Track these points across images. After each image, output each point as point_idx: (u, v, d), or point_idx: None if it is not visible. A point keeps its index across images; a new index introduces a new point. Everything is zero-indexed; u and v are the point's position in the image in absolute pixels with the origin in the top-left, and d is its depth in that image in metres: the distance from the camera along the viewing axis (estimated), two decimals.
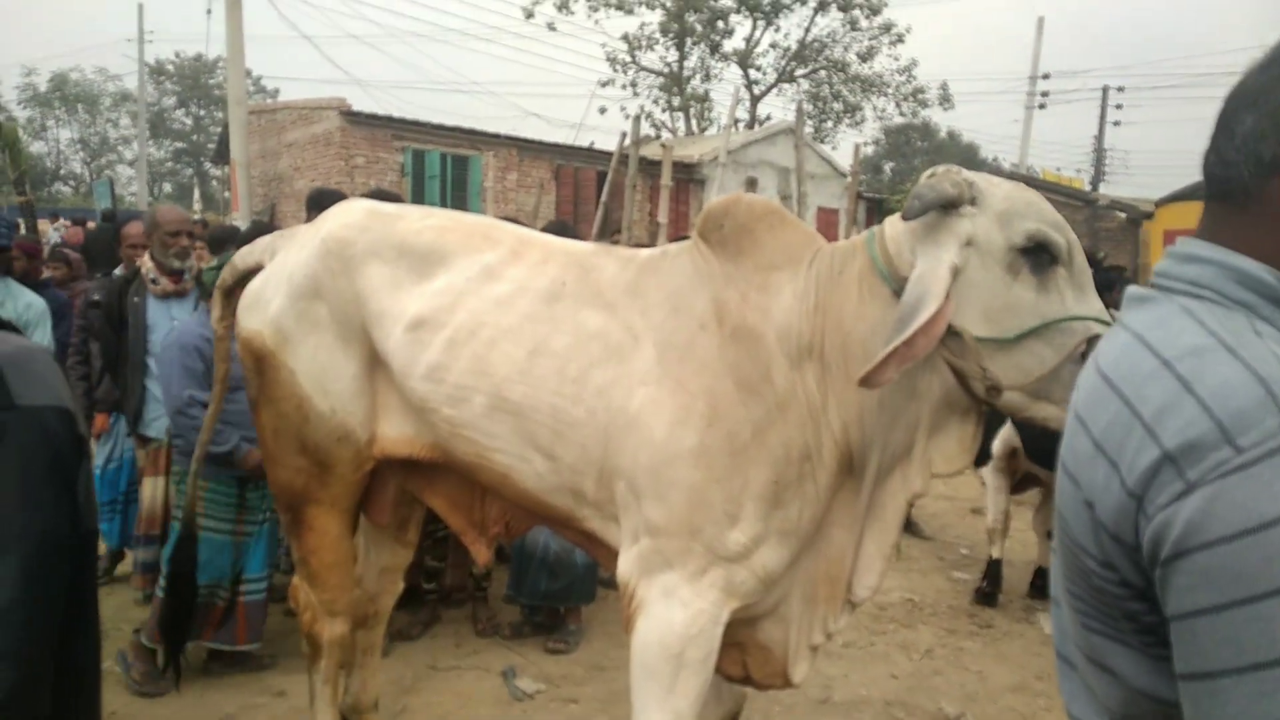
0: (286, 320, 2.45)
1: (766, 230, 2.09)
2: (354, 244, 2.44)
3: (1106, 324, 1.81)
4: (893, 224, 1.98)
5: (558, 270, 2.25)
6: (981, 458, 4.63)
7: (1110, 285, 5.43)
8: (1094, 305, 1.85)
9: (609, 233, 8.61)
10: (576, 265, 2.26)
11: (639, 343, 2.09)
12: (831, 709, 3.56)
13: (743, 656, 2.19)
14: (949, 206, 1.83)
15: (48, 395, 1.18)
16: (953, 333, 1.82)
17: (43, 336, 3.77)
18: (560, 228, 4.73)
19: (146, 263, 3.91)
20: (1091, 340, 1.80)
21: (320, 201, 3.80)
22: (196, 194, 11.27)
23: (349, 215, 2.54)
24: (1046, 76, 27.47)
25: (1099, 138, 30.43)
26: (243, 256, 2.77)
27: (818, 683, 3.72)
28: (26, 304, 3.77)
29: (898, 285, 1.89)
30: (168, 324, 3.81)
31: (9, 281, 3.80)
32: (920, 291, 1.79)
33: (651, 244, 7.05)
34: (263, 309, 2.52)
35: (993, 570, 4.72)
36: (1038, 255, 1.81)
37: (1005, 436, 4.61)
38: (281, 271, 2.55)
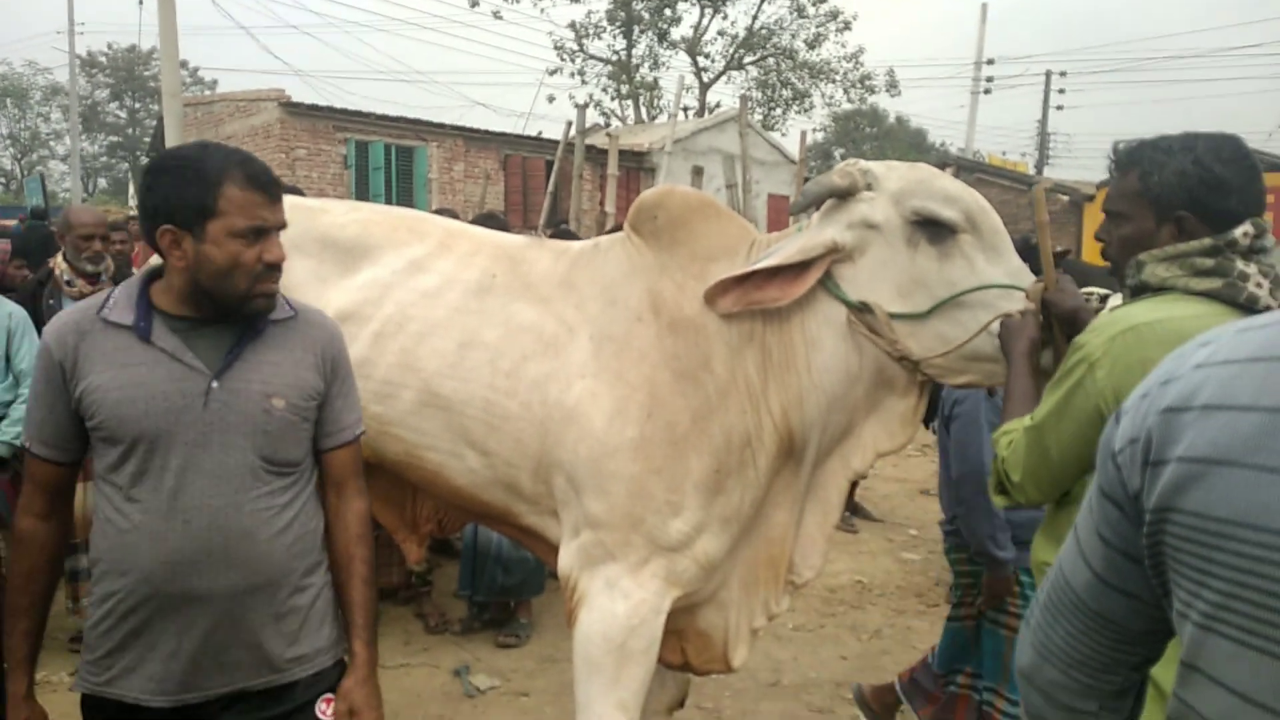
0: None
1: (701, 221, 2.09)
2: None
3: (1020, 289, 1.86)
4: (819, 214, 2.03)
5: (487, 263, 2.22)
6: None
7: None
8: (1010, 265, 1.90)
9: (556, 223, 8.56)
10: (507, 258, 2.23)
11: (574, 335, 2.07)
12: (781, 692, 3.59)
13: (681, 644, 2.20)
14: (844, 195, 1.94)
15: None
16: (867, 309, 1.91)
17: (30, 347, 3.59)
18: (490, 220, 4.67)
19: (60, 264, 3.78)
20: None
21: None
22: (131, 189, 10.93)
23: None
24: (991, 62, 27.94)
25: (1042, 122, 31.04)
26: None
27: (767, 666, 3.75)
28: (8, 313, 3.58)
29: None
30: None
31: None
32: (775, 249, 1.97)
33: (599, 234, 7.02)
34: None
35: None
36: (935, 228, 1.89)
37: None
38: None
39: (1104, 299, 4.11)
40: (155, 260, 1.63)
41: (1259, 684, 0.70)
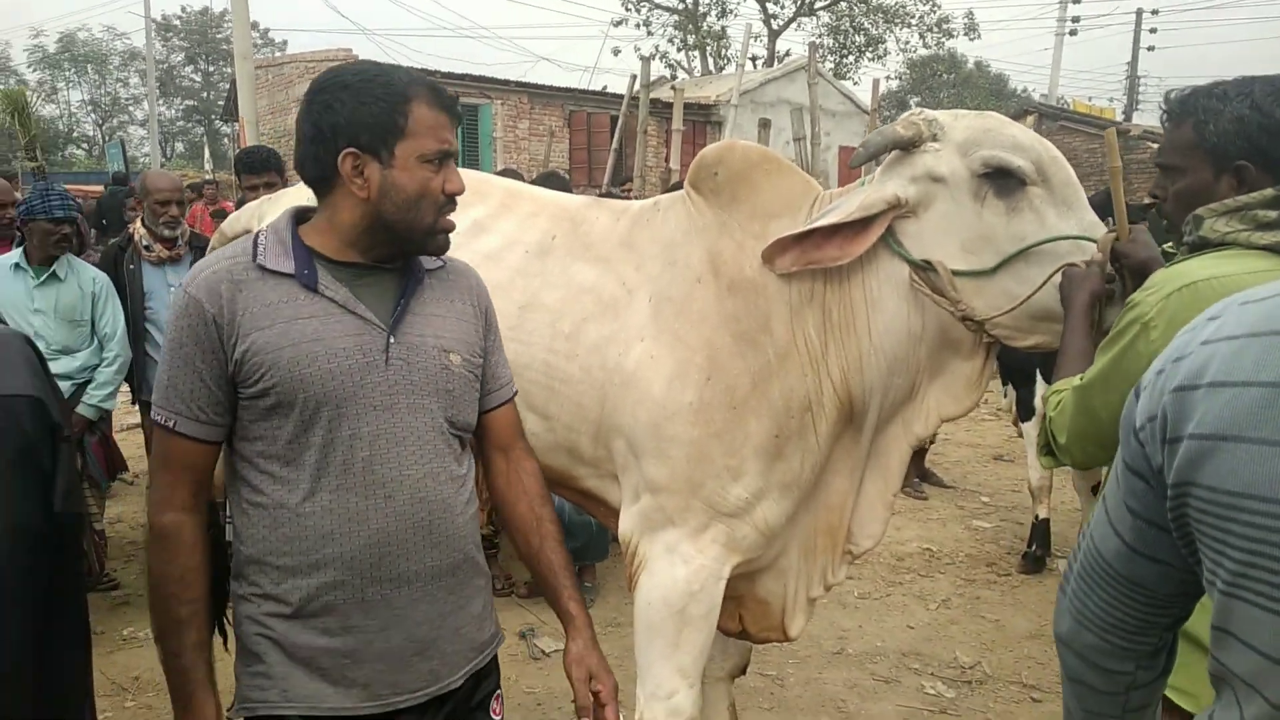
0: None
1: (762, 177, 2.02)
2: None
3: (1091, 240, 1.75)
4: (882, 167, 1.94)
5: (548, 224, 2.18)
6: (1025, 412, 4.47)
7: (1133, 221, 5.22)
8: (1084, 219, 1.79)
9: (620, 181, 8.47)
10: (567, 219, 2.19)
11: (634, 297, 2.03)
12: (845, 660, 3.54)
13: (739, 611, 2.18)
14: (908, 146, 1.84)
15: (17, 384, 1.24)
16: (930, 268, 1.83)
17: (115, 312, 3.71)
18: (552, 179, 4.63)
19: (139, 229, 3.86)
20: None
21: None
22: (207, 153, 11.16)
23: None
24: (1077, 1, 26.55)
25: (1132, 64, 29.49)
26: (231, 223, 2.73)
27: (832, 634, 3.70)
28: (92, 278, 3.70)
29: None
30: (164, 290, 3.78)
31: (71, 258, 3.66)
32: (836, 205, 1.88)
33: (664, 190, 6.91)
34: None
35: (1040, 531, 4.44)
36: (1003, 180, 1.78)
37: None
38: None
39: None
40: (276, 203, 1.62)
41: (1276, 641, 0.74)
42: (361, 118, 1.31)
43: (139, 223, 3.90)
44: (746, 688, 3.17)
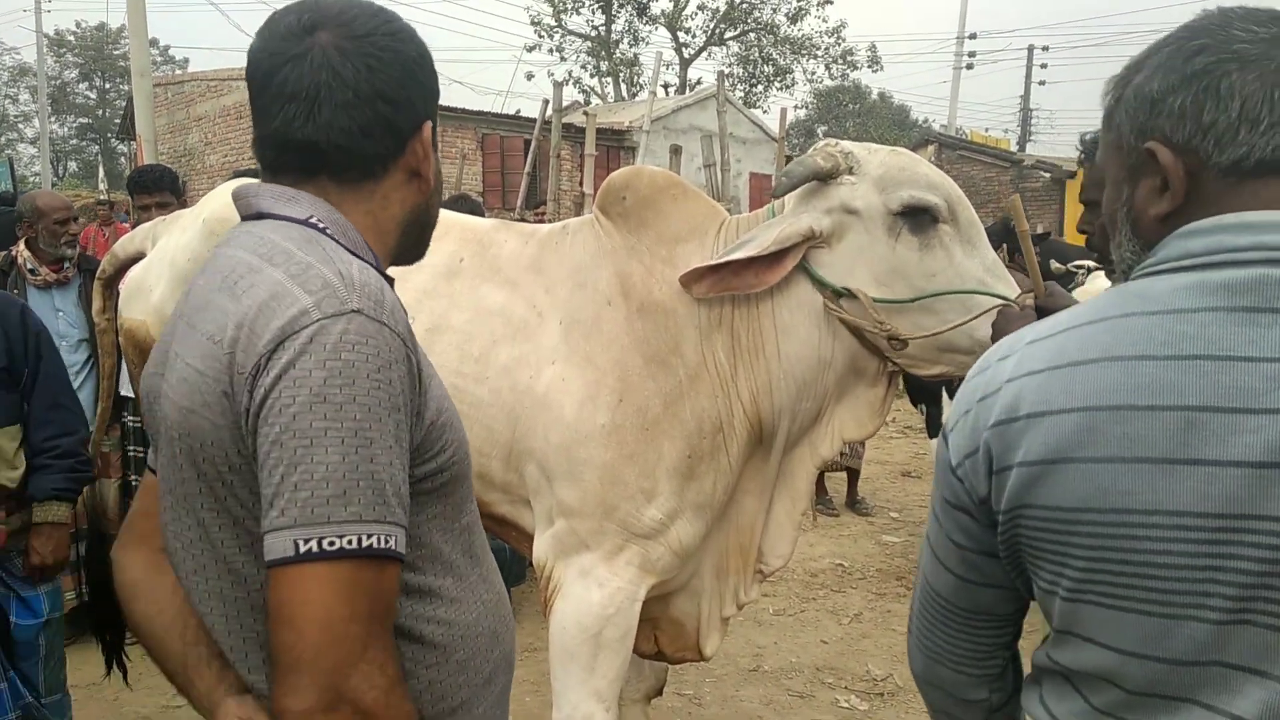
0: (170, 308, 2.31)
1: (669, 202, 2.05)
2: (236, 221, 2.32)
3: (1011, 301, 1.84)
4: (796, 197, 1.98)
5: (455, 246, 2.16)
6: (933, 429, 4.63)
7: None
8: (986, 258, 1.90)
9: (534, 204, 8.46)
10: (475, 241, 2.18)
11: (544, 320, 2.03)
12: (762, 677, 3.57)
13: (654, 632, 2.19)
14: (825, 178, 1.88)
15: None
16: (850, 295, 1.87)
17: None
18: (462, 202, 4.60)
19: (23, 251, 3.67)
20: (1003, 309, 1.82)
21: None
22: (101, 172, 10.66)
23: (231, 194, 2.42)
24: (973, 36, 27.90)
25: (1025, 97, 31.05)
26: (123, 244, 2.63)
27: (748, 651, 3.74)
28: None
29: None
30: (53, 316, 3.59)
31: None
32: (752, 236, 1.89)
33: (578, 214, 6.93)
34: (145, 297, 2.40)
35: None
36: (917, 217, 1.85)
37: None
38: (164, 257, 2.42)
39: (1089, 271, 4.08)
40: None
41: (1126, 636, 0.80)
42: (432, 82, 1.02)
43: (22, 245, 3.71)
44: (664, 708, 3.17)
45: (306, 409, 0.81)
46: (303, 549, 0.80)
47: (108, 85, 40.42)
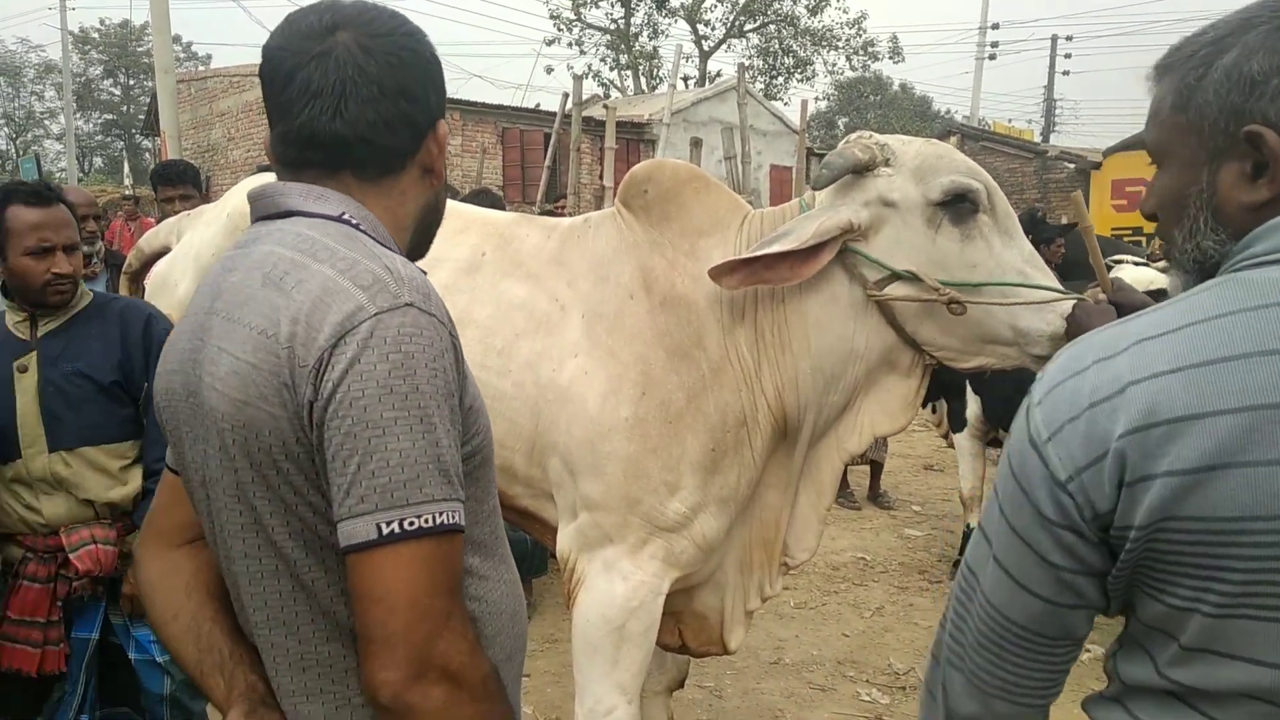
0: None
1: (692, 195, 2.04)
2: None
3: (1076, 297, 1.82)
4: (812, 184, 1.98)
5: (477, 240, 2.17)
6: (957, 424, 4.59)
7: (1050, 240, 5.41)
8: (1023, 249, 1.88)
9: (554, 198, 8.47)
10: (496, 235, 2.18)
11: (566, 313, 2.03)
12: (783, 670, 3.57)
13: (678, 625, 2.19)
14: (862, 170, 1.86)
15: None
16: (911, 277, 1.84)
17: None
18: (483, 196, 4.62)
19: None
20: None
21: None
22: (126, 168, 10.79)
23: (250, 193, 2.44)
24: (996, 27, 27.60)
25: (1048, 87, 30.69)
26: (148, 239, 2.66)
27: (769, 644, 3.73)
28: None
29: None
30: None
31: None
32: (789, 229, 1.85)
33: (598, 207, 6.93)
34: (170, 292, 2.43)
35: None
36: (957, 206, 1.83)
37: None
38: (188, 252, 2.45)
39: (1118, 263, 4.03)
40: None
41: None
42: (441, 81, 1.05)
43: None
44: (685, 700, 3.17)
45: (375, 401, 0.85)
46: (385, 531, 0.85)
47: (132, 82, 40.86)
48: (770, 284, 1.85)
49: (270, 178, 2.56)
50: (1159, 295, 2.79)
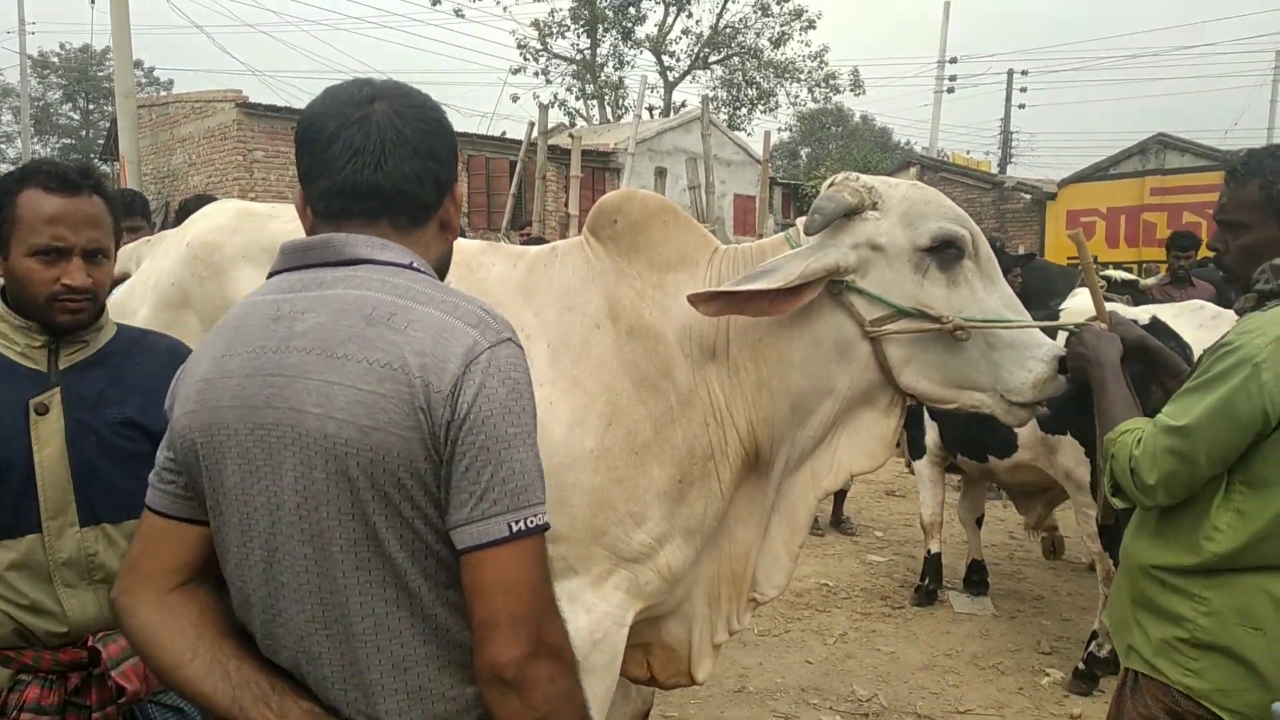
0: (156, 327, 2.30)
1: (660, 228, 2.05)
2: (222, 247, 2.32)
3: (1077, 329, 1.88)
4: (803, 228, 1.97)
5: None
6: (916, 451, 4.64)
7: (1008, 269, 5.54)
8: (1003, 293, 1.92)
9: (520, 225, 8.49)
10: (462, 264, 2.17)
11: (531, 343, 2.02)
12: (747, 698, 3.57)
13: (646, 657, 2.17)
14: (851, 213, 1.86)
15: None
16: (919, 314, 1.85)
17: None
18: None
19: None
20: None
21: (190, 210, 3.59)
22: None
23: (217, 217, 2.42)
24: (954, 61, 28.26)
25: (1005, 120, 31.43)
26: None
27: (733, 673, 3.73)
28: None
29: None
30: None
31: None
32: (774, 266, 1.84)
33: (563, 235, 6.95)
34: (128, 319, 2.37)
35: (932, 565, 4.59)
36: (943, 252, 1.85)
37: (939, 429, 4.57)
38: (147, 279, 2.41)
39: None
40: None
41: None
42: (455, 148, 1.20)
43: None
44: None
45: (500, 419, 1.00)
46: (514, 529, 1.00)
47: (91, 106, 40.28)
48: (749, 315, 1.85)
49: (242, 204, 2.52)
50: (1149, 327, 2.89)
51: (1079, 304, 3.96)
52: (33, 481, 1.52)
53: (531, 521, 1.01)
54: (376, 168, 1.10)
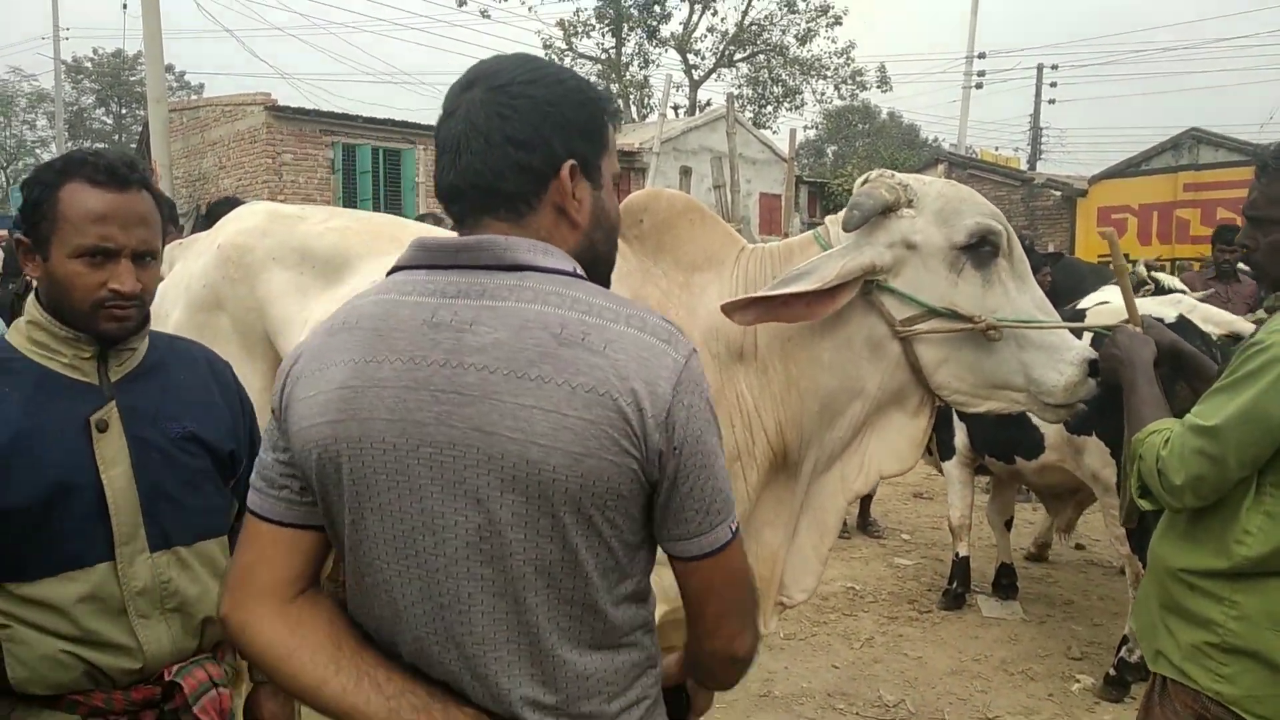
0: (186, 334, 2.34)
1: (687, 227, 2.03)
2: (253, 250, 2.36)
3: (1106, 331, 1.87)
4: (835, 224, 1.95)
5: None
6: (945, 453, 4.59)
7: (1037, 269, 5.47)
8: (1035, 294, 1.89)
9: None
10: None
11: None
12: (772, 703, 3.55)
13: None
14: (886, 210, 1.84)
15: None
16: (951, 314, 1.83)
17: None
18: (425, 219, 4.62)
19: None
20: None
21: (217, 212, 3.64)
22: None
23: (248, 219, 2.47)
24: (983, 56, 27.90)
25: (1035, 116, 31.03)
26: None
27: (758, 677, 3.70)
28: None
29: None
30: None
31: None
32: (811, 268, 1.81)
33: None
34: (161, 322, 2.41)
35: (960, 569, 4.54)
36: (979, 250, 1.83)
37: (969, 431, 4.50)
38: (179, 282, 2.45)
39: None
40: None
41: None
42: (582, 121, 1.07)
43: None
44: None
45: (705, 433, 1.02)
46: (733, 530, 1.06)
47: (124, 111, 40.96)
48: (784, 321, 1.82)
49: (272, 206, 2.52)
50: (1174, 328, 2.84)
51: (1099, 302, 3.90)
52: (100, 505, 1.38)
53: (735, 521, 1.07)
54: (452, 166, 1.05)
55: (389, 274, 1.09)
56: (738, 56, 28.07)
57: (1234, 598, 1.56)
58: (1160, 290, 5.12)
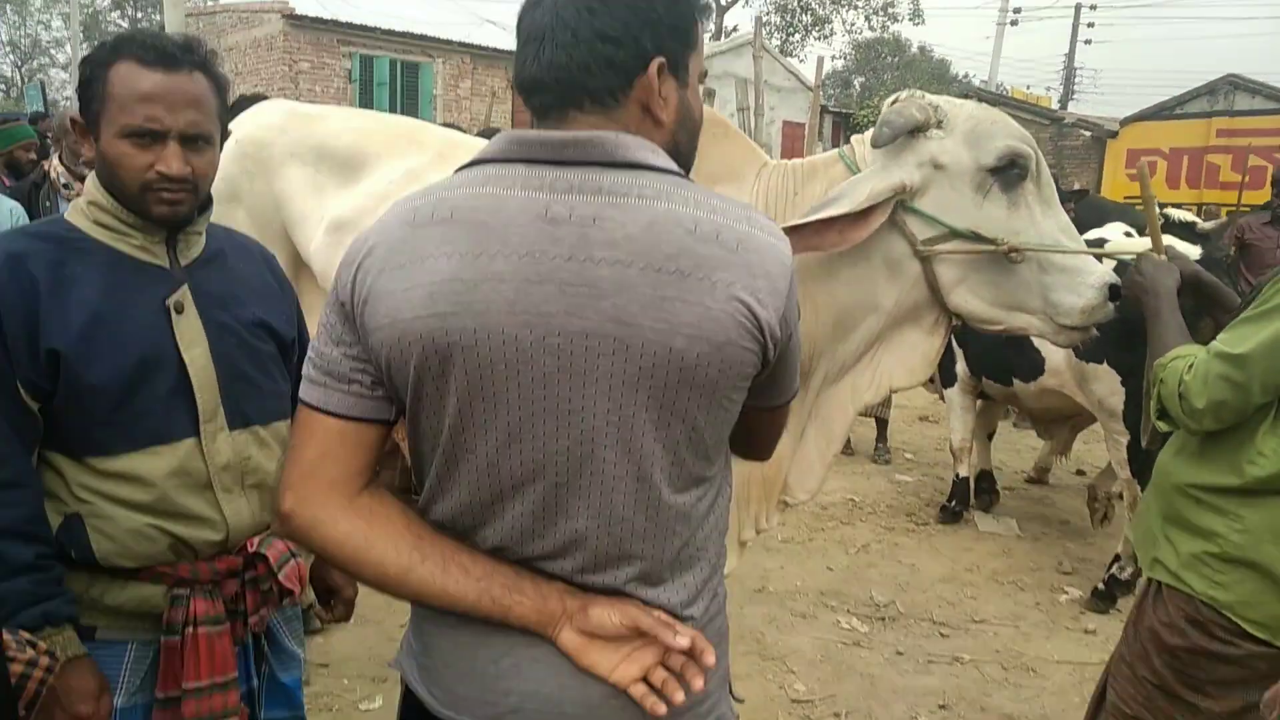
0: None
1: (710, 141, 2.00)
2: (271, 145, 2.42)
3: (1130, 256, 1.89)
4: (861, 144, 1.96)
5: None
6: (947, 379, 4.64)
7: (1062, 203, 5.42)
8: (1060, 219, 1.90)
9: None
10: None
11: None
12: (766, 597, 3.66)
13: None
14: (915, 131, 1.84)
15: None
16: (974, 236, 1.84)
17: None
18: (493, 134, 4.61)
19: (57, 166, 3.71)
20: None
21: (241, 109, 3.64)
22: None
23: (266, 116, 2.51)
24: None
25: (1069, 55, 30.19)
26: None
27: (755, 574, 3.81)
28: (9, 210, 3.50)
29: None
30: None
31: None
32: (840, 193, 1.82)
33: None
34: None
35: (960, 488, 4.66)
36: (1007, 172, 1.83)
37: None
38: None
39: (1127, 234, 4.07)
40: None
41: None
42: (673, 18, 1.04)
43: (56, 160, 3.77)
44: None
45: (797, 318, 1.12)
46: (793, 390, 1.21)
47: (139, 14, 40.29)
48: (819, 249, 1.81)
49: (290, 104, 2.51)
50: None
51: (1107, 235, 3.88)
52: (182, 383, 1.41)
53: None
54: (535, 58, 1.02)
55: (466, 167, 1.06)
56: None
57: (1240, 512, 1.61)
58: (1170, 225, 5.11)
